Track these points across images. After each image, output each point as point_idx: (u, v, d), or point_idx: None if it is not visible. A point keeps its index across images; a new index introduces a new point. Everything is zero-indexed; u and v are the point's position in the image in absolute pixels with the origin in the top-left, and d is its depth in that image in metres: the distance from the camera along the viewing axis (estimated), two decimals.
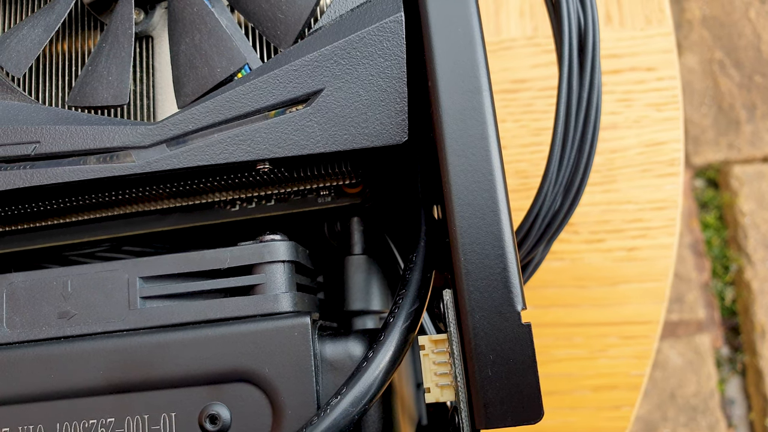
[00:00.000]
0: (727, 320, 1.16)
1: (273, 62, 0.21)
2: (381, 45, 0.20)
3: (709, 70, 1.24)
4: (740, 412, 1.12)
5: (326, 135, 0.20)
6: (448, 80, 0.19)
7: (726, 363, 1.15)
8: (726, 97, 1.23)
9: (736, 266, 1.16)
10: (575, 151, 0.24)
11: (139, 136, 0.20)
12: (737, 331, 1.16)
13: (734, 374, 1.15)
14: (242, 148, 0.20)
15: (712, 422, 1.10)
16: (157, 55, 0.23)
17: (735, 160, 1.21)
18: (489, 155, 0.18)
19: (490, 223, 0.18)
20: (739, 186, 1.19)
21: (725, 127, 1.22)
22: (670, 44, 0.38)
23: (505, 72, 0.38)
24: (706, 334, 1.16)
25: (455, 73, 0.19)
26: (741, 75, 1.23)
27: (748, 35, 1.25)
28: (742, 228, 1.17)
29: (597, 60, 0.24)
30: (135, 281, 0.21)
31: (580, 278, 0.36)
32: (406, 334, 0.19)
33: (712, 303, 1.17)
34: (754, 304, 1.14)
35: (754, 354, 1.13)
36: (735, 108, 1.22)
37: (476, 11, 0.19)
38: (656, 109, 0.37)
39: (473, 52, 0.19)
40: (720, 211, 1.21)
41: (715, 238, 1.19)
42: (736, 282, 1.16)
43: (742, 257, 1.15)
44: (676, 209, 0.36)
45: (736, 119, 1.22)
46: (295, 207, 0.25)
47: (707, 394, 1.12)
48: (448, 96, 0.19)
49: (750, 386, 1.13)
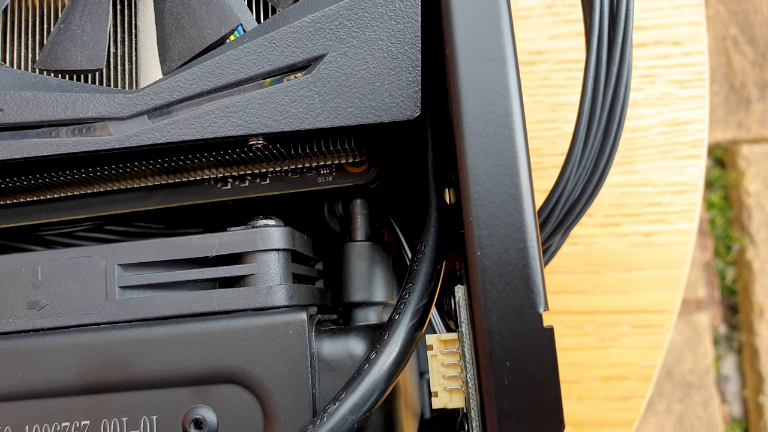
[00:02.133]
0: (727, 299, 1.16)
1: (269, 23, 0.18)
2: (392, 5, 0.17)
3: (722, 47, 1.21)
4: (734, 389, 1.13)
5: (328, 108, 0.18)
6: (468, 47, 0.16)
7: (723, 341, 1.15)
8: (738, 75, 1.20)
9: (739, 246, 1.15)
10: (601, 131, 0.22)
11: (117, 105, 0.18)
12: (736, 310, 1.15)
13: (730, 352, 1.15)
14: (232, 121, 0.18)
15: (706, 398, 1.10)
16: (140, 13, 0.21)
17: (743, 140, 1.19)
18: (513, 135, 0.16)
19: (511, 213, 0.16)
20: (746, 166, 1.17)
21: (735, 105, 1.19)
22: (700, 16, 0.35)
23: (521, 43, 0.36)
24: (705, 312, 1.16)
25: (476, 40, 0.16)
26: (755, 52, 1.20)
27: (765, 11, 1.21)
28: (746, 208, 1.15)
29: (629, 32, 0.21)
30: (113, 269, 0.19)
31: (593, 264, 0.34)
32: (413, 333, 0.17)
33: (713, 282, 1.16)
34: (754, 284, 1.13)
35: (751, 333, 1.13)
36: (746, 86, 1.20)
37: None
38: (680, 86, 0.35)
39: (497, 16, 0.17)
40: (725, 191, 1.20)
41: (719, 217, 1.18)
42: (738, 262, 1.15)
43: (745, 237, 1.14)
44: (697, 193, 0.34)
45: (747, 98, 1.19)
46: (292, 186, 0.23)
47: (703, 370, 1.12)
48: (467, 65, 0.16)
49: (745, 364, 1.13)
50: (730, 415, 1.10)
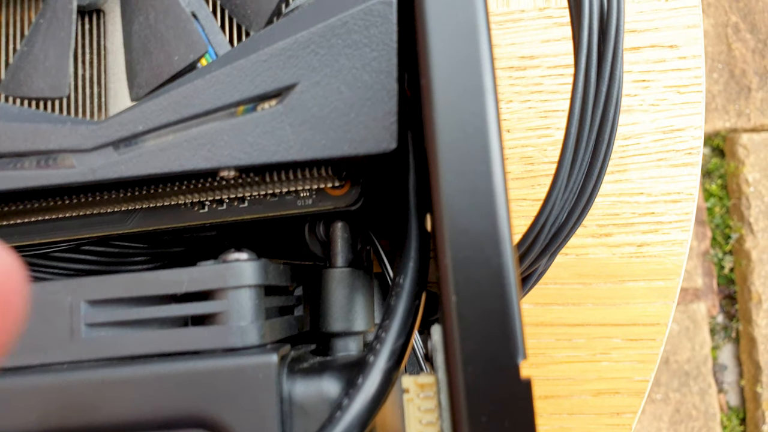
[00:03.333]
0: (724, 288, 1.16)
1: (239, 50, 0.17)
2: (367, 32, 0.17)
3: (723, 34, 1.19)
4: (731, 378, 1.14)
5: (300, 139, 0.17)
6: (445, 78, 0.15)
7: (720, 330, 1.15)
8: (738, 63, 1.19)
9: (737, 235, 1.15)
10: (589, 153, 0.21)
11: (80, 137, 0.17)
12: (734, 299, 1.16)
13: (728, 341, 1.15)
14: (201, 153, 0.17)
15: (703, 387, 1.11)
16: (109, 34, 0.20)
17: (743, 128, 1.18)
18: (491, 174, 0.15)
19: (489, 256, 0.15)
20: (746, 154, 1.16)
21: (736, 93, 1.18)
22: (697, 19, 0.34)
23: (513, 47, 0.35)
24: (702, 301, 1.16)
25: (455, 71, 0.15)
26: (756, 40, 1.18)
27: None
28: (745, 197, 1.15)
29: (620, 48, 0.20)
30: (79, 305, 0.18)
31: (584, 275, 0.34)
32: (389, 375, 0.17)
33: (711, 271, 1.16)
34: (752, 274, 1.13)
35: (749, 322, 1.13)
36: (747, 74, 1.18)
37: None
38: (676, 92, 0.34)
39: (477, 45, 0.16)
40: (724, 180, 1.19)
41: (717, 206, 1.18)
42: (736, 251, 1.15)
43: (743, 226, 1.14)
44: (691, 203, 0.33)
45: (747, 86, 1.18)
46: (271, 210, 0.22)
47: (700, 360, 1.12)
48: (444, 98, 0.15)
49: (743, 353, 1.14)
50: (728, 405, 1.11)
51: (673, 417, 1.12)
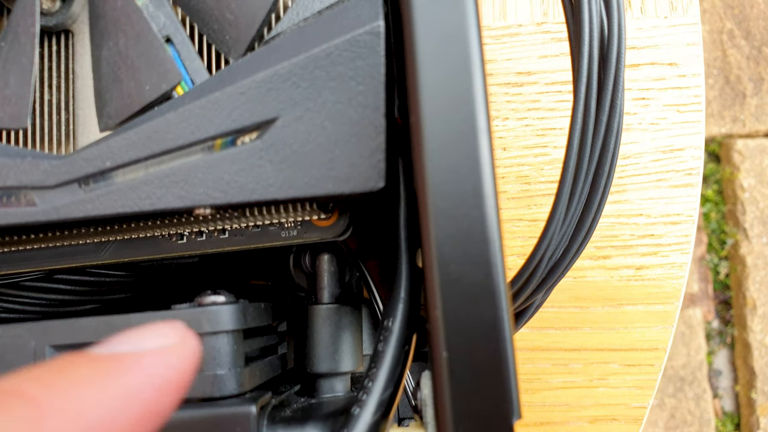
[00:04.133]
0: (720, 294, 1.15)
1: (215, 81, 0.16)
2: (353, 64, 0.15)
3: (718, 40, 1.19)
4: (726, 384, 1.13)
5: (281, 177, 0.16)
6: (436, 117, 0.14)
7: (716, 335, 1.15)
8: (733, 69, 1.18)
9: (733, 241, 1.15)
10: (588, 186, 0.20)
11: (42, 173, 0.16)
12: (729, 304, 1.15)
13: (723, 346, 1.15)
14: (173, 192, 0.16)
15: (698, 393, 1.10)
16: (78, 57, 0.19)
17: (738, 134, 1.18)
18: (484, 218, 0.14)
19: (483, 308, 0.14)
20: (741, 160, 1.16)
21: (731, 99, 1.18)
22: (696, 36, 0.33)
23: (510, 62, 0.33)
24: (698, 307, 1.16)
25: (446, 108, 0.14)
26: (750, 46, 1.18)
27: (761, 5, 1.19)
28: (740, 203, 1.15)
29: (621, 77, 0.19)
30: (43, 350, 0.17)
31: (581, 298, 0.33)
32: (377, 428, 0.16)
33: (707, 277, 1.16)
34: (748, 279, 1.13)
35: (744, 328, 1.13)
36: (742, 80, 1.18)
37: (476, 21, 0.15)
38: (676, 110, 0.33)
39: (470, 80, 0.14)
40: (720, 186, 1.19)
41: (713, 212, 1.17)
42: (731, 256, 1.15)
43: (739, 232, 1.14)
44: (691, 224, 0.32)
45: (742, 92, 1.18)
46: (254, 241, 0.21)
47: (696, 365, 1.12)
48: (435, 143, 0.14)
49: (737, 359, 1.13)
50: (722, 410, 1.10)
51: (668, 423, 1.12)
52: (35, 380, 0.11)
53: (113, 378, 0.12)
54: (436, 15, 0.15)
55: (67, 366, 0.12)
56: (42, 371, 0.11)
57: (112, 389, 0.12)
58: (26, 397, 0.11)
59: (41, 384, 0.11)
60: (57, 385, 0.11)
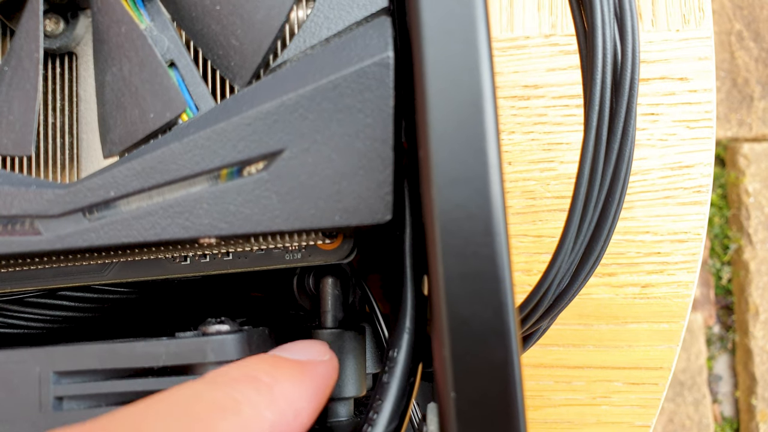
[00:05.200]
0: (722, 299, 1.15)
1: (221, 111, 0.16)
2: (361, 96, 0.15)
3: (726, 42, 1.18)
4: (726, 389, 1.13)
5: (287, 209, 0.16)
6: (446, 154, 0.14)
7: (716, 341, 1.15)
8: (741, 71, 1.18)
9: (736, 246, 1.14)
10: (597, 214, 0.19)
11: (47, 202, 0.16)
12: (731, 310, 1.15)
13: (724, 352, 1.15)
14: (178, 222, 0.16)
15: (698, 398, 1.10)
16: (81, 80, 0.19)
17: (744, 138, 1.17)
18: (495, 258, 0.14)
19: (492, 349, 0.14)
20: (747, 164, 1.15)
21: (738, 102, 1.17)
22: (708, 50, 0.32)
23: (517, 75, 0.33)
24: (699, 312, 1.15)
25: (456, 149, 0.14)
26: (759, 48, 1.17)
27: None
28: (745, 207, 1.14)
29: (634, 104, 0.19)
30: (48, 376, 0.17)
31: (585, 315, 0.32)
32: None
33: (709, 282, 1.16)
34: (750, 285, 1.13)
35: (745, 333, 1.12)
36: (749, 83, 1.17)
37: (488, 54, 0.15)
38: (686, 126, 0.32)
39: (481, 117, 0.14)
40: (724, 190, 1.18)
41: (717, 216, 1.17)
42: (734, 262, 1.14)
43: (742, 237, 1.13)
44: (699, 243, 0.32)
45: (749, 95, 1.17)
46: (257, 264, 0.21)
47: (696, 370, 1.12)
48: (445, 179, 0.14)
49: (738, 364, 1.13)
50: (722, 415, 1.10)
51: (666, 427, 1.12)
52: (263, 371, 0.15)
53: (309, 378, 0.15)
54: (448, 48, 0.14)
55: (277, 364, 0.15)
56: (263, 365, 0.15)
57: (310, 386, 0.15)
58: (262, 382, 0.14)
59: (269, 374, 0.15)
60: (279, 377, 0.15)
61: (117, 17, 0.16)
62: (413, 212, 0.19)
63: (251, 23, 0.16)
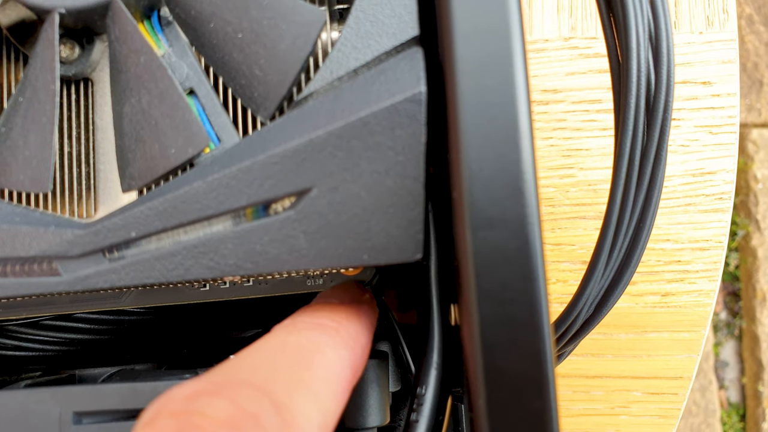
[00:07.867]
0: (729, 285, 1.15)
1: (246, 147, 0.15)
2: (392, 133, 0.15)
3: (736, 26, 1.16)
4: (732, 375, 1.13)
5: (315, 249, 0.15)
6: (482, 195, 0.13)
7: (723, 327, 1.15)
8: (751, 56, 1.16)
9: (744, 232, 1.13)
10: (628, 242, 0.19)
11: (66, 243, 0.15)
12: (738, 296, 1.15)
13: (730, 338, 1.15)
14: (202, 263, 0.15)
15: (704, 384, 1.10)
16: (98, 108, 0.18)
17: (753, 124, 1.16)
18: (534, 302, 0.14)
19: (530, 400, 0.13)
20: (756, 150, 1.14)
21: (747, 88, 1.15)
22: (732, 53, 0.32)
23: (536, 79, 0.32)
24: None
25: (491, 190, 0.13)
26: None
27: None
28: (753, 194, 1.13)
29: (667, 128, 0.18)
30: (68, 417, 0.16)
31: (605, 324, 0.32)
32: None
33: None
34: (758, 272, 1.12)
35: (752, 320, 1.12)
36: (759, 68, 1.15)
37: (525, 89, 0.14)
38: (708, 132, 0.32)
39: (518, 154, 0.14)
40: None
41: None
42: (742, 248, 1.14)
43: (750, 224, 1.12)
44: (721, 251, 0.31)
45: (759, 80, 1.15)
46: (278, 290, 0.20)
47: (702, 356, 1.12)
48: (480, 221, 0.13)
49: (745, 351, 1.13)
50: (728, 401, 1.11)
51: None
52: (326, 317, 0.16)
53: (363, 316, 0.17)
54: (484, 82, 0.14)
55: (334, 309, 0.17)
56: (323, 312, 0.16)
57: (365, 323, 0.17)
58: (329, 326, 0.15)
59: (332, 320, 0.16)
60: (341, 321, 0.16)
61: (136, 47, 0.16)
62: (438, 240, 0.18)
63: (275, 53, 0.15)
